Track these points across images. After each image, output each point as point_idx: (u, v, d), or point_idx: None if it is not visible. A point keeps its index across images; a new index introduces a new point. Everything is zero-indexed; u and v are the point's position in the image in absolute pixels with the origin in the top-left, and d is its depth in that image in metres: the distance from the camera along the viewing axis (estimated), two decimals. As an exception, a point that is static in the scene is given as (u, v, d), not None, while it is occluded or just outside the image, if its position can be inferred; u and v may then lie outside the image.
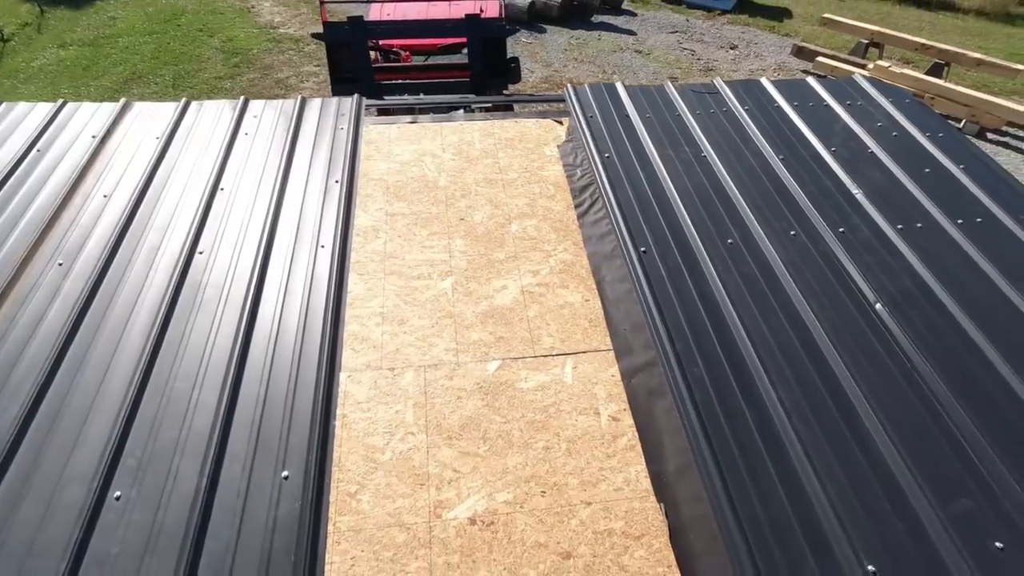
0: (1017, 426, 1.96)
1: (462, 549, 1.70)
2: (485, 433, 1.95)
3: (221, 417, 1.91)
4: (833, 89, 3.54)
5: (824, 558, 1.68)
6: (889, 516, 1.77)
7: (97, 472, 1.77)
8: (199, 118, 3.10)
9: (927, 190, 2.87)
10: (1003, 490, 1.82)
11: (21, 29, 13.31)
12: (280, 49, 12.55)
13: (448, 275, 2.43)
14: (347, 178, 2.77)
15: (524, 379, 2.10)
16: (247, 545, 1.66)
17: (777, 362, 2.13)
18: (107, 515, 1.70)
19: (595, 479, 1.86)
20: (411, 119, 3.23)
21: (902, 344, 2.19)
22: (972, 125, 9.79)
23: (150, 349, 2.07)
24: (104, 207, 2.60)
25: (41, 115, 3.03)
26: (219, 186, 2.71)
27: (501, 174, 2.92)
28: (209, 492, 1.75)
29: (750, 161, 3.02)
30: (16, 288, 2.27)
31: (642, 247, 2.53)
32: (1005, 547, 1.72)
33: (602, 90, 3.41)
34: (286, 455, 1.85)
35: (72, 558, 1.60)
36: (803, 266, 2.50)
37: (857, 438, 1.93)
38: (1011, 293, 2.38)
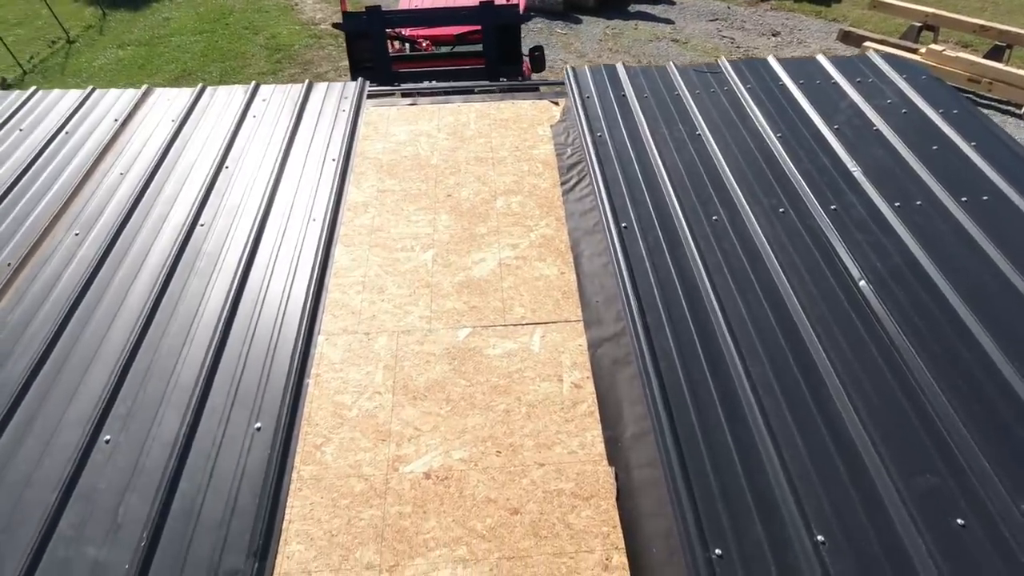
0: (998, 408, 1.89)
1: (415, 500, 1.78)
2: (449, 395, 2.02)
3: (205, 372, 2.05)
4: (843, 66, 3.43)
5: (772, 525, 1.68)
6: (846, 489, 1.75)
7: (91, 418, 1.93)
8: (212, 102, 3.28)
9: (932, 167, 2.76)
10: (973, 469, 1.76)
11: (85, 31, 14.19)
12: (320, 45, 12.93)
13: (430, 248, 2.51)
14: (343, 156, 2.89)
15: (492, 346, 2.16)
16: (217, 488, 1.79)
17: (749, 336, 2.12)
18: (96, 456, 1.86)
19: (551, 442, 1.90)
20: (411, 101, 3.32)
21: (883, 321, 2.13)
22: (1034, 111, 9.20)
23: (148, 309, 2.23)
24: (119, 184, 2.80)
25: (72, 100, 3.27)
26: (224, 164, 2.88)
27: (492, 153, 2.97)
28: (187, 440, 1.89)
29: (745, 139, 2.97)
30: (37, 253, 2.48)
31: (623, 223, 2.55)
32: (967, 525, 1.67)
33: (602, 71, 3.41)
34: (260, 409, 1.97)
35: (63, 492, 1.77)
36: (788, 243, 2.46)
37: (823, 412, 1.91)
38: (1011, 273, 2.28)
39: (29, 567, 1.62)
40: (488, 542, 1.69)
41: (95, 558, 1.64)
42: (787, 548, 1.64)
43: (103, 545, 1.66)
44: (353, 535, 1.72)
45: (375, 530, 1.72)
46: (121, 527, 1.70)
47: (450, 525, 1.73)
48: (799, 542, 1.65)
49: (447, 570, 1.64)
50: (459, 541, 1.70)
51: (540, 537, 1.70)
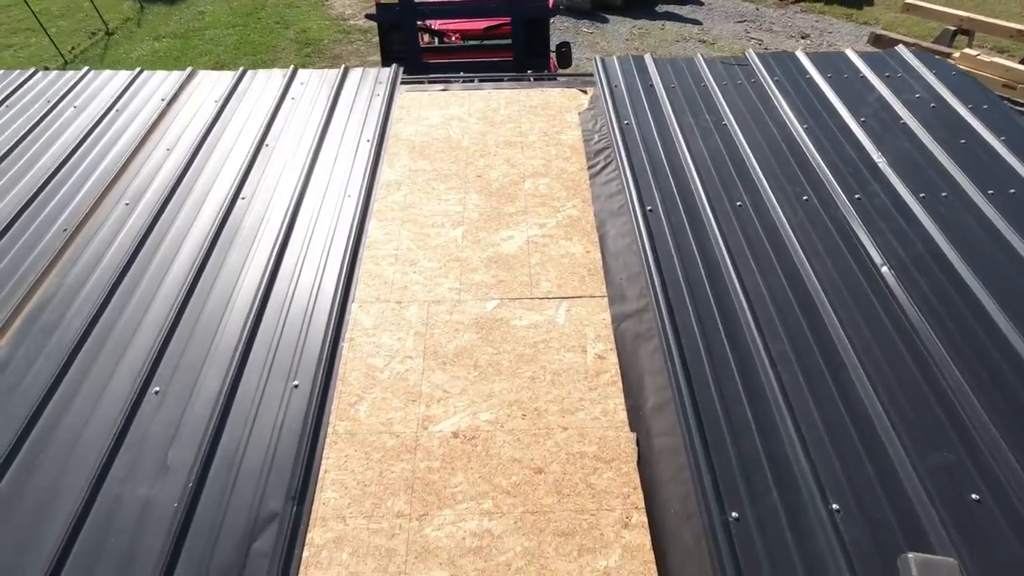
0: (1016, 390, 1.92)
1: (443, 457, 1.87)
2: (476, 361, 2.10)
3: (246, 333, 2.16)
4: (873, 61, 3.44)
5: (788, 492, 1.73)
6: (862, 461, 1.80)
7: (141, 371, 2.06)
8: (253, 84, 3.41)
9: (959, 160, 2.78)
10: (988, 447, 1.80)
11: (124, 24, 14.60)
12: (349, 40, 13.15)
13: (460, 224, 2.60)
14: (377, 138, 3.00)
15: (519, 317, 2.24)
16: (258, 438, 1.89)
17: (769, 315, 2.17)
18: (146, 406, 1.98)
19: (574, 408, 1.98)
20: (442, 87, 3.42)
21: (902, 304, 2.17)
22: (1069, 118, 9.01)
23: (192, 275, 2.35)
24: (166, 159, 2.94)
25: (121, 81, 3.44)
26: (264, 143, 3.00)
27: (521, 137, 3.06)
28: (230, 394, 2.00)
29: (771, 130, 3.01)
30: (90, 221, 2.63)
31: (648, 206, 2.61)
32: (982, 500, 1.71)
33: (630, 62, 3.47)
34: (298, 368, 2.08)
35: (116, 437, 1.89)
36: (811, 229, 2.50)
37: (840, 388, 1.95)
38: (1034, 262, 2.30)
39: (86, 503, 1.74)
40: (513, 497, 1.77)
41: (146, 497, 1.76)
42: (802, 514, 1.69)
43: (153, 486, 1.78)
44: (385, 486, 1.81)
45: (405, 482, 1.81)
46: (169, 470, 1.81)
47: (476, 481, 1.81)
48: (814, 509, 1.70)
49: (473, 521, 1.73)
50: (485, 495, 1.78)
51: (563, 495, 1.78)
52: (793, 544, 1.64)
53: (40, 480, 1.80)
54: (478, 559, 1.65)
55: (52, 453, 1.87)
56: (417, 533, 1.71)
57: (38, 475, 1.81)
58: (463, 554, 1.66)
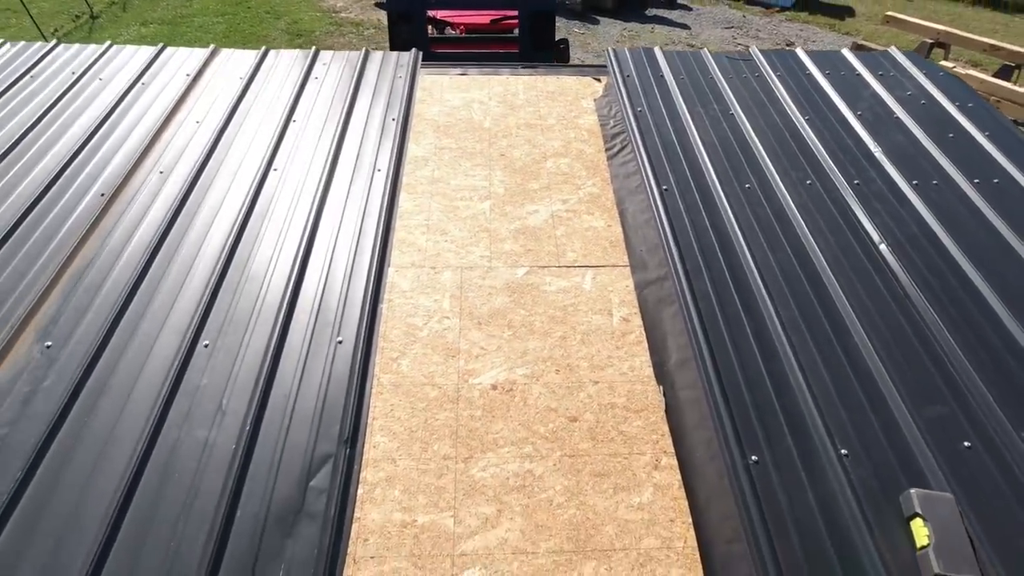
0: (1000, 351, 2.12)
1: (484, 406, 2.00)
2: (510, 322, 2.24)
3: (289, 293, 2.26)
4: (867, 60, 3.67)
5: (801, 438, 1.90)
6: (865, 411, 1.98)
7: (189, 326, 2.15)
8: (276, 63, 3.50)
9: (948, 152, 3.00)
10: (977, 401, 1.99)
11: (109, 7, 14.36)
12: (341, 32, 13.14)
13: (487, 199, 2.74)
14: (403, 116, 3.12)
15: (548, 283, 2.38)
16: (308, 388, 2.00)
17: (778, 283, 2.35)
18: (197, 358, 2.08)
19: (603, 364, 2.13)
20: (461, 71, 3.55)
21: (899, 276, 2.37)
22: (1038, 129, 9.47)
23: (233, 238, 2.45)
24: (196, 131, 3.02)
25: (146, 55, 3.49)
26: (292, 118, 3.10)
27: (541, 120, 3.20)
28: (278, 348, 2.10)
29: (775, 119, 3.21)
30: (125, 189, 2.69)
31: (664, 185, 2.78)
32: (972, 447, 1.90)
33: (640, 53, 3.65)
34: (341, 326, 2.19)
35: (170, 386, 1.98)
36: (814, 210, 2.69)
37: (844, 348, 2.14)
38: (1016, 242, 2.52)
39: (147, 445, 1.83)
40: (551, 443, 1.91)
41: (204, 439, 1.85)
42: (814, 457, 1.86)
43: (211, 429, 1.88)
44: (430, 432, 1.93)
45: (450, 429, 1.94)
46: (226, 415, 1.91)
47: (516, 428, 1.95)
48: (824, 453, 1.87)
49: (515, 463, 1.86)
50: (525, 441, 1.92)
51: (597, 440, 1.92)
52: (807, 483, 1.81)
53: (98, 427, 1.88)
54: (522, 496, 1.79)
55: (108, 403, 1.95)
56: (463, 473, 1.84)
57: (96, 423, 1.89)
58: (508, 491, 1.80)
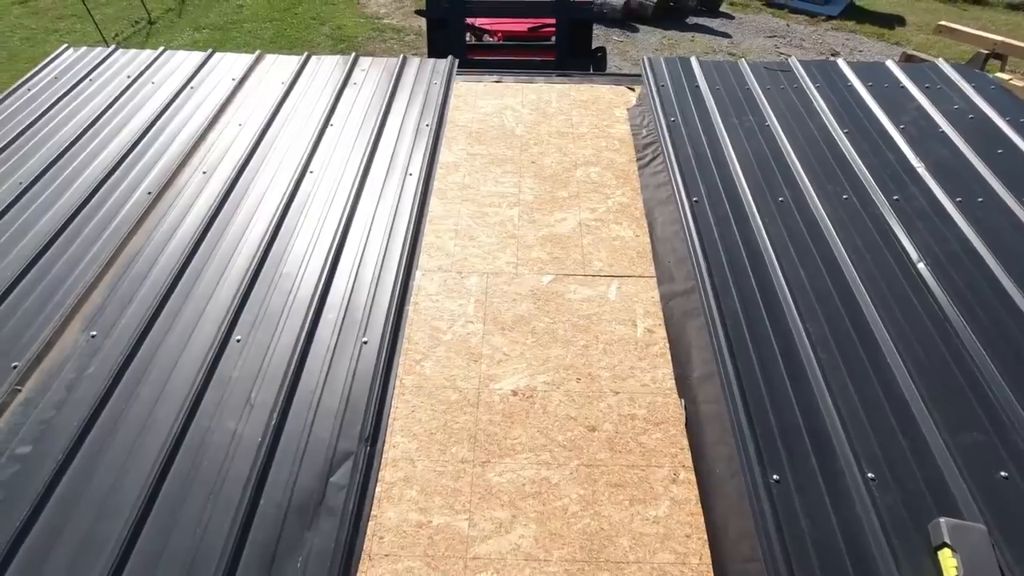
0: (1045, 378, 2.03)
1: (503, 412, 2.02)
2: (534, 329, 2.25)
3: (319, 293, 2.33)
4: (912, 72, 3.56)
5: (826, 459, 1.86)
6: (896, 436, 1.92)
7: (224, 320, 2.23)
8: (318, 68, 3.61)
9: (995, 168, 2.89)
10: (1017, 429, 1.91)
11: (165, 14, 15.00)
12: (383, 38, 13.42)
13: (516, 205, 2.76)
14: (436, 123, 3.17)
15: (573, 292, 2.38)
16: (332, 385, 2.06)
17: (809, 301, 2.30)
18: (230, 352, 2.16)
19: (625, 375, 2.12)
20: (496, 79, 3.59)
21: (938, 297, 2.29)
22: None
23: (268, 237, 2.53)
24: (238, 133, 3.13)
25: (195, 60, 3.65)
26: (329, 122, 3.19)
27: (572, 129, 3.21)
28: (306, 345, 2.17)
29: (813, 132, 3.14)
30: (171, 188, 2.82)
31: (695, 197, 2.75)
32: (1010, 477, 1.82)
33: (676, 62, 3.62)
34: (367, 326, 2.24)
35: (204, 376, 2.06)
36: (850, 225, 2.63)
37: (877, 370, 2.08)
38: (1066, 265, 2.40)
39: (180, 432, 1.91)
40: (569, 451, 1.92)
41: (233, 430, 1.92)
42: (839, 480, 1.81)
43: (239, 420, 1.95)
44: (449, 435, 1.96)
45: (468, 432, 1.96)
46: (254, 408, 1.98)
47: (535, 435, 1.96)
48: (851, 476, 1.82)
49: (532, 470, 1.87)
50: (543, 448, 1.93)
51: (615, 451, 1.92)
52: (831, 506, 1.76)
53: (136, 414, 1.97)
54: (537, 503, 1.80)
55: (146, 391, 2.04)
56: (480, 477, 1.86)
57: (133, 409, 1.99)
58: (523, 497, 1.81)
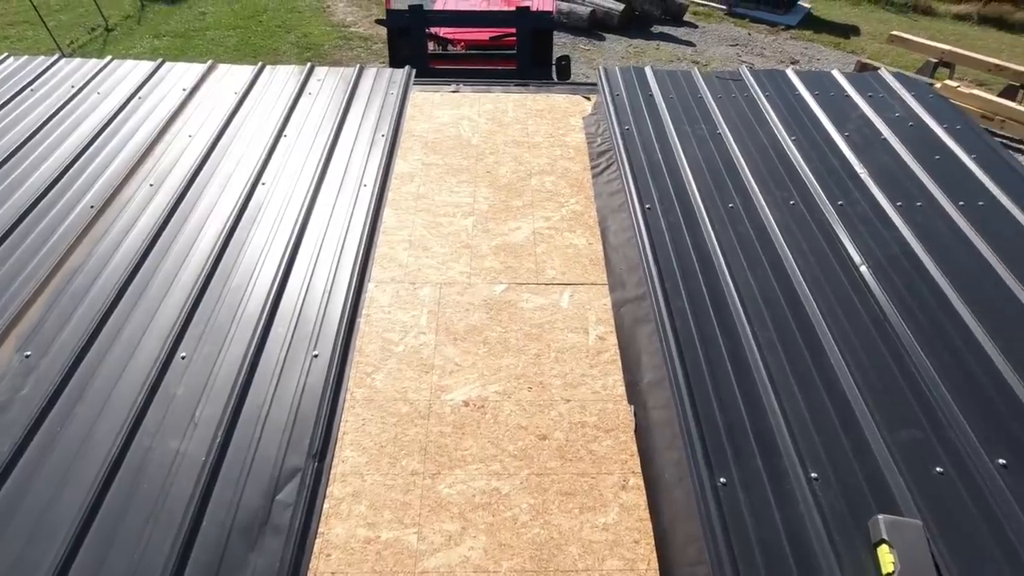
0: (978, 376, 2.11)
1: (454, 423, 2.01)
2: (486, 338, 2.25)
3: (268, 307, 2.29)
4: (856, 81, 3.68)
5: (771, 460, 1.89)
6: (838, 434, 1.97)
7: (168, 336, 2.18)
8: (272, 78, 3.57)
9: (933, 174, 3.00)
10: (952, 426, 1.98)
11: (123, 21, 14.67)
12: (350, 46, 13.34)
13: (470, 215, 2.76)
14: (391, 133, 3.16)
15: (526, 300, 2.39)
16: (281, 400, 2.02)
17: (756, 304, 2.35)
18: (175, 368, 2.10)
19: (577, 382, 2.13)
20: (453, 88, 3.60)
21: (878, 298, 2.36)
22: (1045, 150, 9.40)
23: (217, 250, 2.48)
24: (188, 144, 3.07)
25: (145, 70, 3.57)
26: (283, 133, 3.15)
27: (528, 138, 3.24)
28: (254, 360, 2.13)
29: (762, 140, 3.22)
30: (117, 199, 2.75)
31: (647, 204, 2.79)
32: (945, 472, 1.88)
33: (631, 72, 3.68)
34: (318, 340, 2.21)
35: (146, 394, 2.00)
36: (797, 230, 2.69)
37: (820, 370, 2.13)
38: (998, 266, 2.50)
39: (120, 451, 1.85)
40: (519, 460, 1.92)
41: (176, 448, 1.87)
42: (783, 480, 1.85)
43: (183, 439, 1.90)
44: (400, 447, 1.94)
45: (419, 445, 1.95)
46: (198, 425, 1.93)
47: (485, 445, 1.96)
48: (795, 476, 1.86)
49: (483, 480, 1.87)
50: (494, 458, 1.92)
51: (566, 459, 1.92)
52: (775, 506, 1.80)
53: (73, 435, 1.91)
54: (487, 513, 1.79)
55: (85, 408, 1.98)
56: (430, 490, 1.84)
57: (71, 431, 1.92)
58: (473, 509, 1.80)
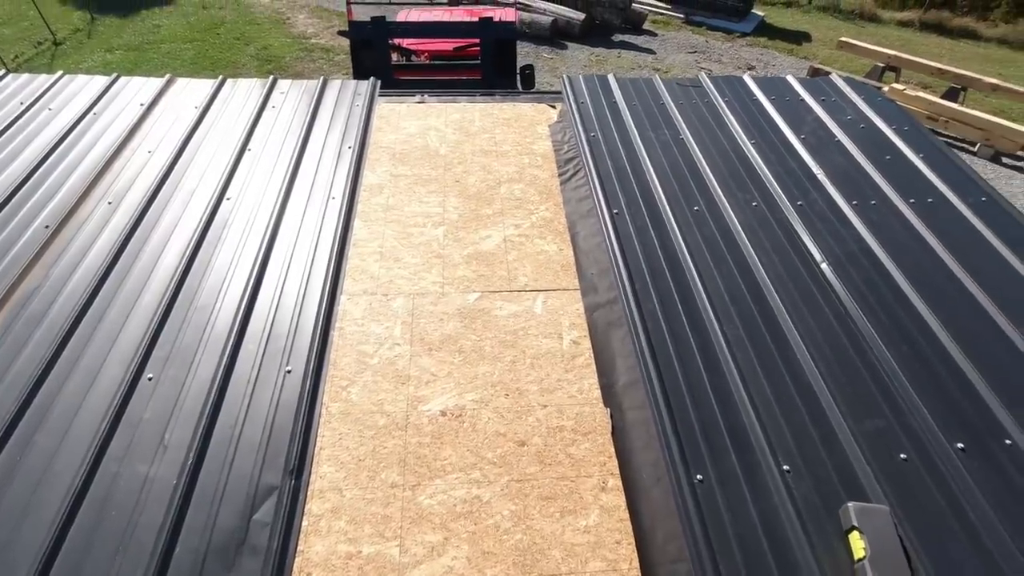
0: (935, 366, 2.20)
1: (432, 433, 2.00)
2: (461, 347, 2.25)
3: (237, 324, 2.25)
4: (810, 86, 3.83)
5: (745, 456, 1.94)
6: (807, 427, 2.03)
7: (134, 358, 2.11)
8: (233, 92, 3.51)
9: (885, 174, 3.13)
10: (913, 414, 2.06)
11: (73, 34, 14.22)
12: (311, 58, 13.21)
13: (441, 225, 2.76)
14: (359, 144, 3.14)
15: (500, 308, 2.40)
16: (254, 418, 1.98)
17: (724, 303, 2.41)
18: (141, 391, 2.04)
19: (553, 387, 2.15)
20: (419, 99, 3.60)
21: (839, 294, 2.45)
22: (987, 149, 9.87)
23: (181, 269, 2.42)
24: (148, 160, 3.00)
25: (99, 85, 3.47)
26: (247, 147, 3.10)
27: (496, 147, 3.26)
28: (224, 378, 2.08)
29: (723, 144, 3.32)
30: (73, 219, 2.66)
31: (615, 209, 2.84)
32: (908, 458, 1.96)
33: (595, 80, 3.75)
34: (291, 355, 2.17)
35: (111, 419, 1.94)
36: (759, 230, 2.78)
37: (787, 364, 2.20)
38: (948, 260, 2.63)
39: (84, 480, 1.78)
40: (499, 468, 1.92)
41: (145, 474, 1.82)
42: (757, 473, 1.90)
43: (152, 463, 1.84)
44: (378, 460, 1.92)
45: (398, 456, 1.93)
46: (168, 449, 1.88)
47: (464, 454, 1.95)
48: (768, 469, 1.91)
49: (463, 489, 1.86)
50: (473, 467, 1.92)
51: (545, 464, 1.93)
52: (751, 499, 1.84)
53: (35, 461, 1.84)
54: (468, 522, 1.79)
55: (45, 437, 1.90)
56: (411, 501, 1.83)
57: (32, 456, 1.85)
58: (455, 518, 1.79)
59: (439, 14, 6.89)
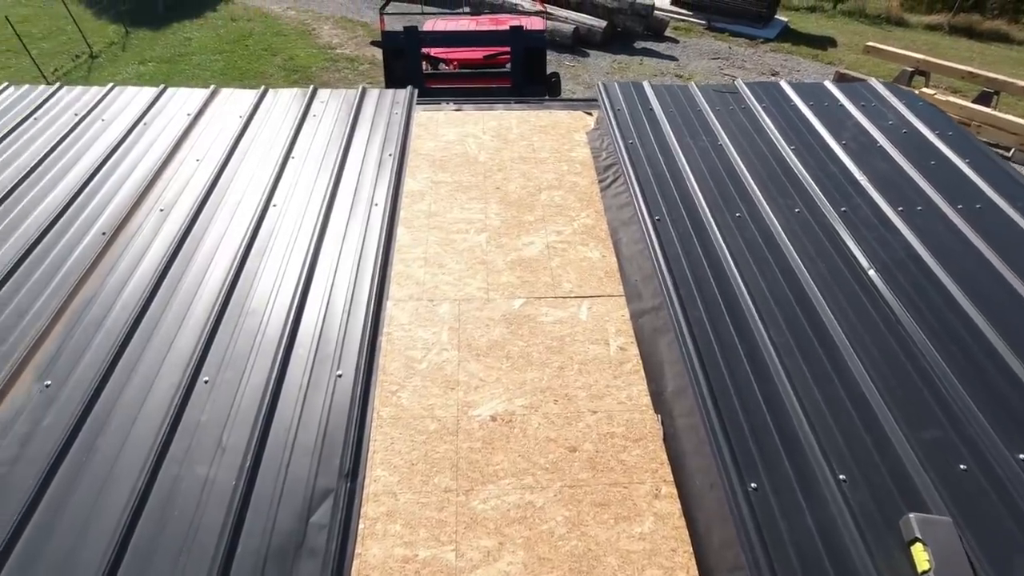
0: (988, 370, 2.16)
1: (483, 438, 2.01)
2: (508, 353, 2.26)
3: (288, 329, 2.29)
4: (848, 92, 3.79)
5: (799, 464, 1.92)
6: (860, 434, 2.00)
7: (189, 363, 2.16)
8: (275, 102, 3.59)
9: (930, 179, 3.09)
10: (970, 423, 2.02)
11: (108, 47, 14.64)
12: (336, 68, 13.42)
13: (483, 231, 2.79)
14: (399, 152, 3.19)
15: (545, 314, 2.41)
16: (308, 422, 2.01)
17: (770, 309, 2.39)
18: (197, 395, 2.09)
19: (602, 393, 2.15)
20: (456, 107, 3.65)
21: (888, 300, 2.42)
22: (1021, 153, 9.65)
23: (232, 274, 2.48)
24: (196, 168, 3.07)
25: (147, 96, 3.58)
26: (291, 155, 3.16)
27: (534, 153, 3.28)
28: (277, 383, 2.12)
29: (763, 150, 3.30)
30: (126, 227, 2.73)
31: (656, 216, 2.84)
32: (968, 468, 1.92)
33: (630, 87, 3.76)
34: (340, 360, 2.21)
35: (170, 423, 1.98)
36: (803, 236, 2.75)
37: (837, 371, 2.17)
38: (1000, 266, 2.58)
39: (147, 482, 1.83)
40: (551, 473, 1.92)
41: (205, 476, 1.85)
42: (812, 482, 1.87)
43: (211, 465, 1.88)
44: (431, 464, 1.94)
45: (450, 461, 1.95)
46: (226, 451, 1.92)
47: (516, 459, 1.96)
48: (823, 478, 1.89)
49: (516, 495, 1.87)
50: (525, 472, 1.92)
51: (597, 470, 1.93)
52: (807, 508, 1.82)
53: (97, 466, 1.88)
54: (523, 527, 1.79)
55: (106, 441, 1.95)
56: (464, 506, 1.84)
57: (94, 462, 1.89)
58: (509, 523, 1.80)
59: (465, 23, 6.97)
